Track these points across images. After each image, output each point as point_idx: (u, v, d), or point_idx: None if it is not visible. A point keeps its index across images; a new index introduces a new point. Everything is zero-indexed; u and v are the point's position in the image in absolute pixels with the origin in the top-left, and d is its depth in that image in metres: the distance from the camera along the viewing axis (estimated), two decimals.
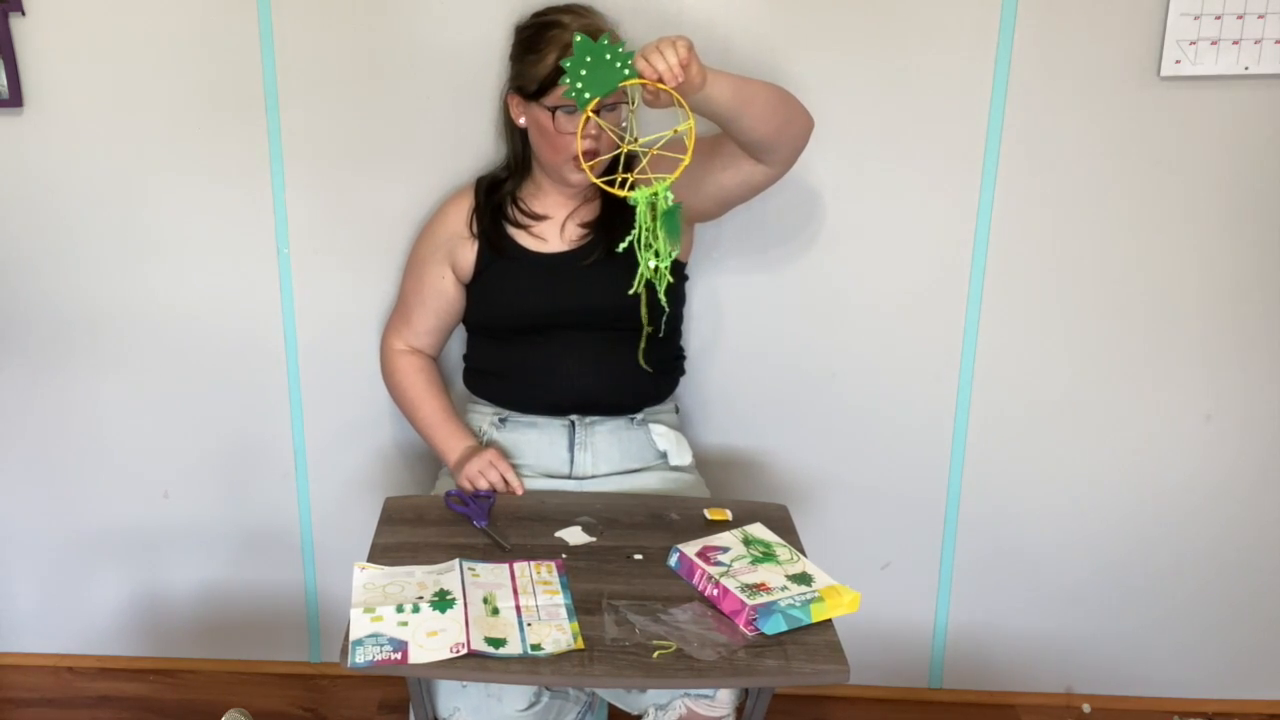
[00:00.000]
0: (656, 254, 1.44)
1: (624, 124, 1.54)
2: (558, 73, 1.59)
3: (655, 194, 1.41)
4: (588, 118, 1.42)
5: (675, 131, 1.43)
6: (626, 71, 1.37)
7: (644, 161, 1.44)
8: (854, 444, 2.07)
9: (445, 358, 2.01)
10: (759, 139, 1.58)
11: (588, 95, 1.38)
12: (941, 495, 2.09)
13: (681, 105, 1.40)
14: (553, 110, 1.64)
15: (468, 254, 1.79)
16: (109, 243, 2.02)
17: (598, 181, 1.45)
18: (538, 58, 1.64)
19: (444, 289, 1.83)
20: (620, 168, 1.48)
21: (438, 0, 1.86)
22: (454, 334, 1.98)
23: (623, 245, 1.48)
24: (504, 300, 1.76)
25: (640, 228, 1.42)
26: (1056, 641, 2.17)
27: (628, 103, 1.47)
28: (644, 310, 1.56)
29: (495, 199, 1.79)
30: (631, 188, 1.42)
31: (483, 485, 1.67)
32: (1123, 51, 1.83)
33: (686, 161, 1.42)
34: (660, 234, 1.43)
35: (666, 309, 1.54)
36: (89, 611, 2.25)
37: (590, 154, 1.57)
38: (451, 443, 1.78)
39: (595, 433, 1.78)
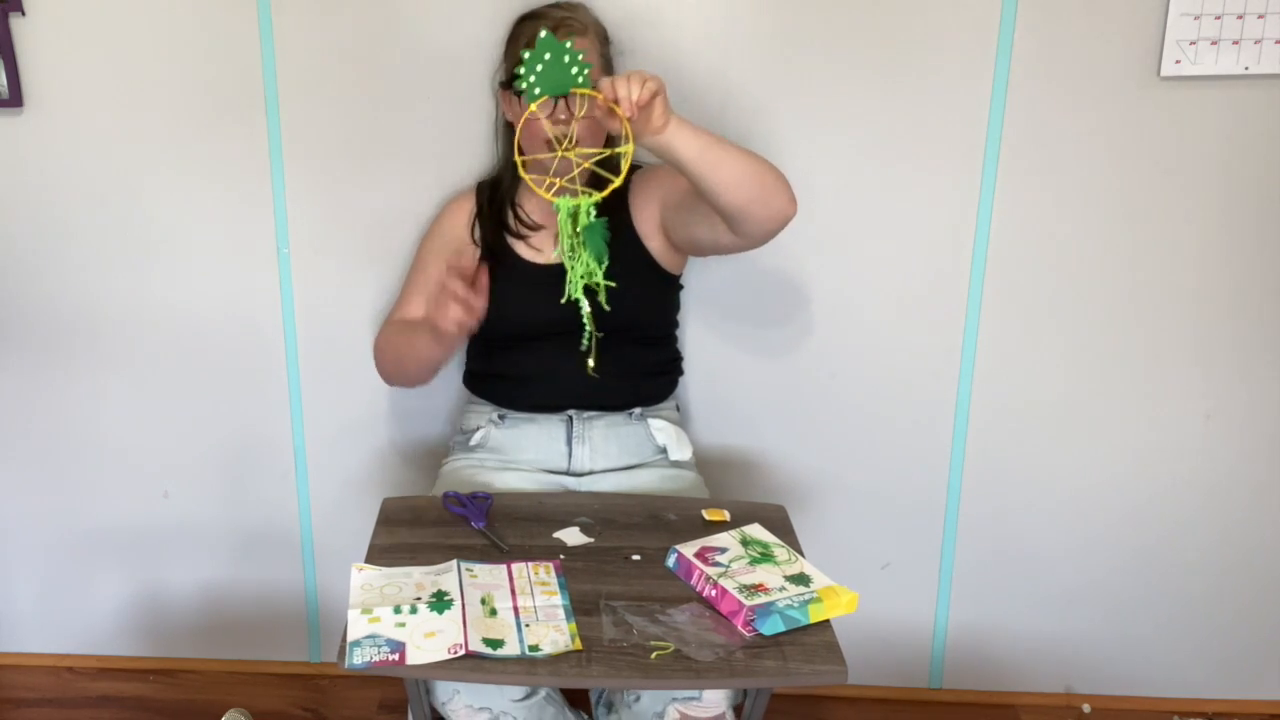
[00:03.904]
0: (587, 268, 1.43)
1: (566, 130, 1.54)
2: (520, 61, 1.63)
3: (578, 205, 1.41)
4: (531, 111, 1.41)
5: (612, 152, 1.43)
6: (580, 80, 1.38)
7: (576, 171, 1.45)
8: (854, 444, 2.07)
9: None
10: (723, 206, 1.52)
11: (537, 91, 1.37)
12: (941, 495, 2.09)
13: (628, 133, 1.40)
14: (518, 94, 1.65)
15: (468, 260, 1.80)
16: (109, 243, 2.02)
17: (526, 177, 1.43)
18: (510, 45, 1.73)
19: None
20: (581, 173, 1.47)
21: (438, 0, 1.86)
22: None
23: (555, 253, 1.47)
24: (499, 309, 1.76)
25: (564, 236, 1.42)
26: (1056, 641, 2.17)
27: (574, 112, 1.47)
28: (586, 316, 1.50)
29: (496, 205, 1.80)
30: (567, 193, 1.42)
31: (446, 325, 1.53)
32: (1123, 51, 1.83)
33: (616, 184, 1.42)
34: (583, 249, 1.43)
35: (607, 309, 1.49)
36: (89, 611, 2.25)
37: (562, 134, 1.57)
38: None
39: (593, 427, 1.78)
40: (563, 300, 1.48)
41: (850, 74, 1.87)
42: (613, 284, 1.46)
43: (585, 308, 1.48)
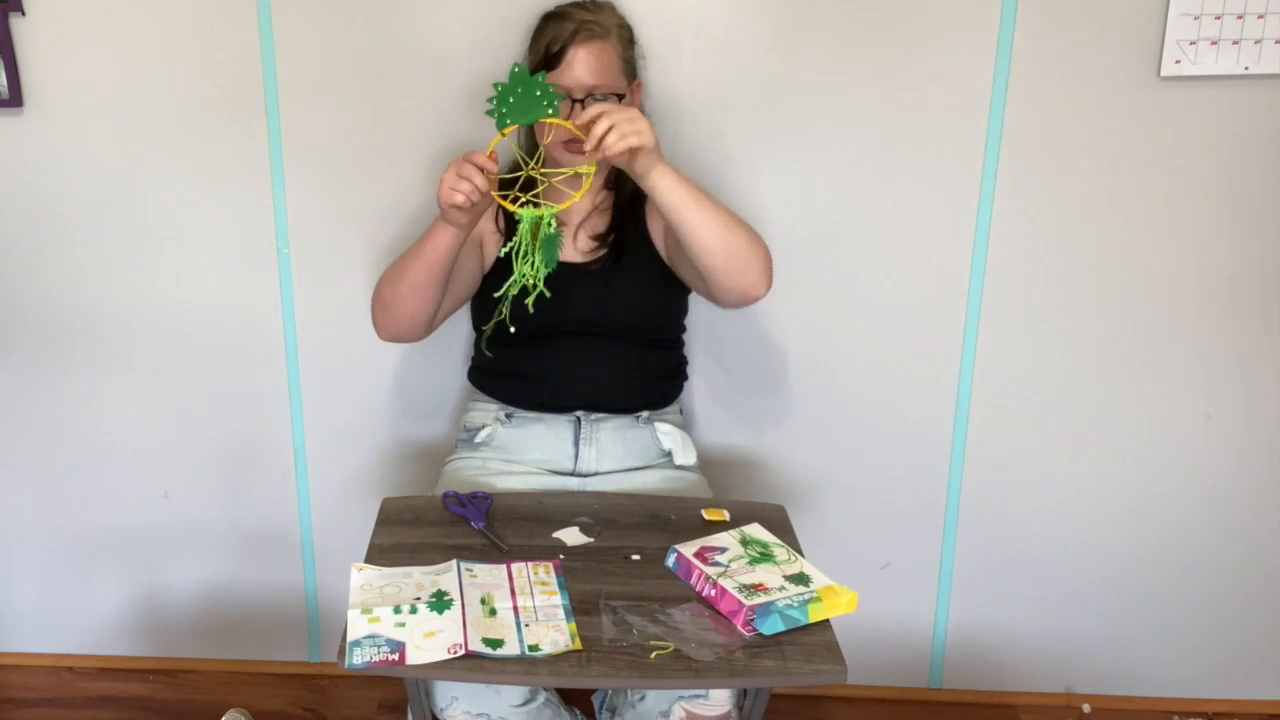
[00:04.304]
0: (534, 270, 1.51)
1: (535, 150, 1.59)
2: (546, 59, 1.67)
3: (541, 217, 1.48)
4: (501, 138, 1.49)
5: (575, 171, 1.53)
6: (550, 111, 1.46)
7: (541, 188, 1.54)
8: (854, 444, 2.07)
9: (450, 350, 2.02)
10: (697, 263, 1.57)
11: (508, 121, 1.46)
12: (941, 495, 2.09)
13: (591, 159, 1.50)
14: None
15: (491, 247, 1.78)
16: (109, 243, 2.02)
17: (496, 195, 1.50)
18: (533, 44, 1.73)
19: (469, 251, 1.75)
20: (520, 186, 1.54)
21: (438, 1, 1.86)
22: (458, 335, 1.99)
23: (502, 251, 1.51)
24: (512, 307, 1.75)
25: (521, 241, 1.49)
26: (1056, 641, 2.17)
27: (545, 136, 1.56)
28: (506, 309, 1.55)
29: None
30: (530, 206, 1.50)
31: (459, 200, 1.49)
32: (1123, 51, 1.83)
33: (575, 198, 1.50)
34: (536, 256, 1.50)
35: (531, 311, 1.54)
36: (89, 611, 2.25)
37: (574, 141, 1.61)
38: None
39: (601, 429, 1.78)
40: (496, 294, 1.53)
41: (850, 74, 1.87)
42: (547, 293, 1.50)
43: (506, 306, 1.54)
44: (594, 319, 1.73)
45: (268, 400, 2.10)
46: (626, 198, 1.78)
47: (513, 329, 1.60)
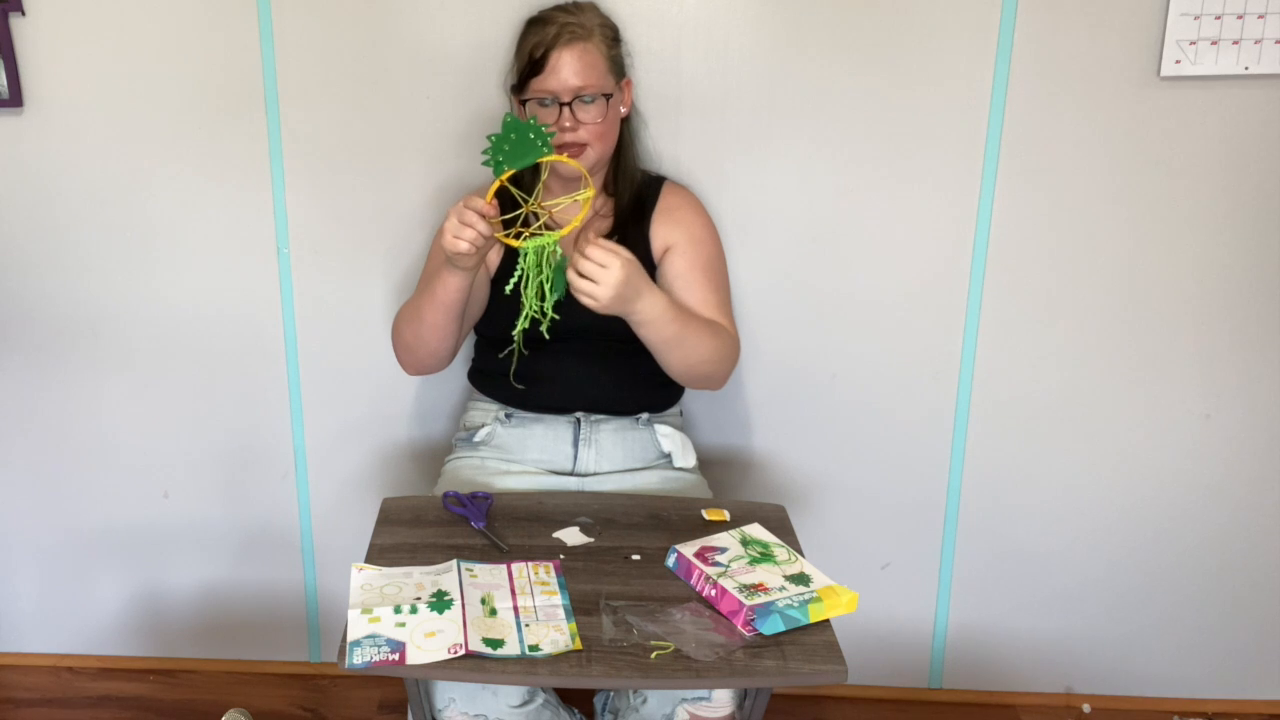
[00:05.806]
0: (544, 298, 1.55)
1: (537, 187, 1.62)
2: (530, 65, 1.67)
3: (545, 246, 1.51)
4: (501, 184, 1.51)
5: (573, 199, 1.56)
6: (545, 150, 1.49)
7: (542, 220, 1.57)
8: (854, 444, 2.07)
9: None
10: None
11: (505, 167, 1.50)
12: (941, 495, 2.09)
13: (586, 179, 1.55)
14: (524, 103, 1.70)
15: (494, 257, 1.77)
16: (109, 243, 2.02)
17: (500, 236, 1.53)
18: (518, 51, 1.72)
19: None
20: (521, 222, 1.57)
21: (438, 1, 1.86)
22: None
23: (509, 286, 1.54)
24: (513, 313, 1.75)
25: (527, 274, 1.52)
26: (1056, 641, 2.17)
27: (541, 173, 1.60)
28: (518, 336, 1.60)
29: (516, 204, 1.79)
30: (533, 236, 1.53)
31: (464, 248, 1.51)
32: (1123, 51, 1.83)
33: (575, 223, 1.53)
34: (546, 286, 1.54)
35: (547, 337, 1.57)
36: (89, 611, 2.25)
37: (564, 148, 1.66)
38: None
39: (600, 430, 1.78)
40: (514, 333, 1.58)
41: (850, 75, 1.87)
42: (556, 317, 1.54)
43: (519, 340, 1.62)
44: (596, 324, 1.72)
45: (268, 400, 2.10)
46: (627, 203, 1.78)
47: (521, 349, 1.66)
